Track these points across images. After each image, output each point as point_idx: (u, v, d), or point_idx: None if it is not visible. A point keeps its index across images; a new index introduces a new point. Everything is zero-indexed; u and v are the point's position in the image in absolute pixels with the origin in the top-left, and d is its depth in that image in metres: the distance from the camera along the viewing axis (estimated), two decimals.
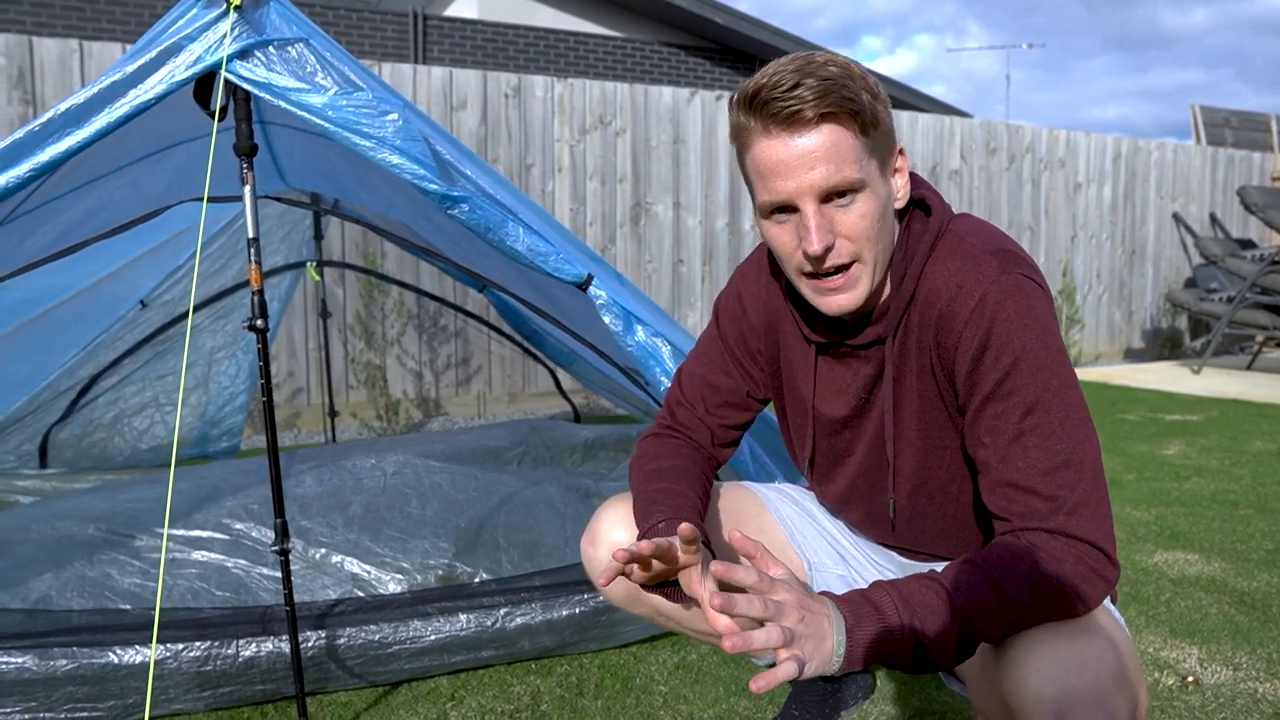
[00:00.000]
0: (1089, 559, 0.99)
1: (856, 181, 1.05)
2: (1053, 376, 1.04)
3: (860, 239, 1.07)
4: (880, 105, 1.07)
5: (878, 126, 1.07)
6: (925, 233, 1.13)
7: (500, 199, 1.88)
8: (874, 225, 1.07)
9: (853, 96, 1.03)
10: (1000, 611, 0.95)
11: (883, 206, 1.09)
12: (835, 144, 1.04)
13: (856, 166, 1.04)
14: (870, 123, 1.05)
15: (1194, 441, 4.25)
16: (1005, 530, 1.03)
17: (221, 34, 1.67)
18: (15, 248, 1.97)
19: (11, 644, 1.69)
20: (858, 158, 1.05)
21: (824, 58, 1.06)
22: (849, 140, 1.04)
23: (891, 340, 1.16)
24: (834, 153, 1.04)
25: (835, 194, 1.06)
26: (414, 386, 4.98)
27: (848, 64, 1.06)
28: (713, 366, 1.36)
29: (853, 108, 1.03)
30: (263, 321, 1.65)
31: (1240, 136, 9.80)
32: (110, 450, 3.35)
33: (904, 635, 0.92)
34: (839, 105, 1.03)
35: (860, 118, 1.04)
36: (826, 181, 1.04)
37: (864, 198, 1.06)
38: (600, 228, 5.40)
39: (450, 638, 1.87)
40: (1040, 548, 0.99)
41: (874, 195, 1.07)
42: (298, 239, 3.44)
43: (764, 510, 1.41)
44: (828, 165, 1.04)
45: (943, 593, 0.95)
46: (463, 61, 9.16)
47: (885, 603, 0.94)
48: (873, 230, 1.07)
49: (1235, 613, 2.25)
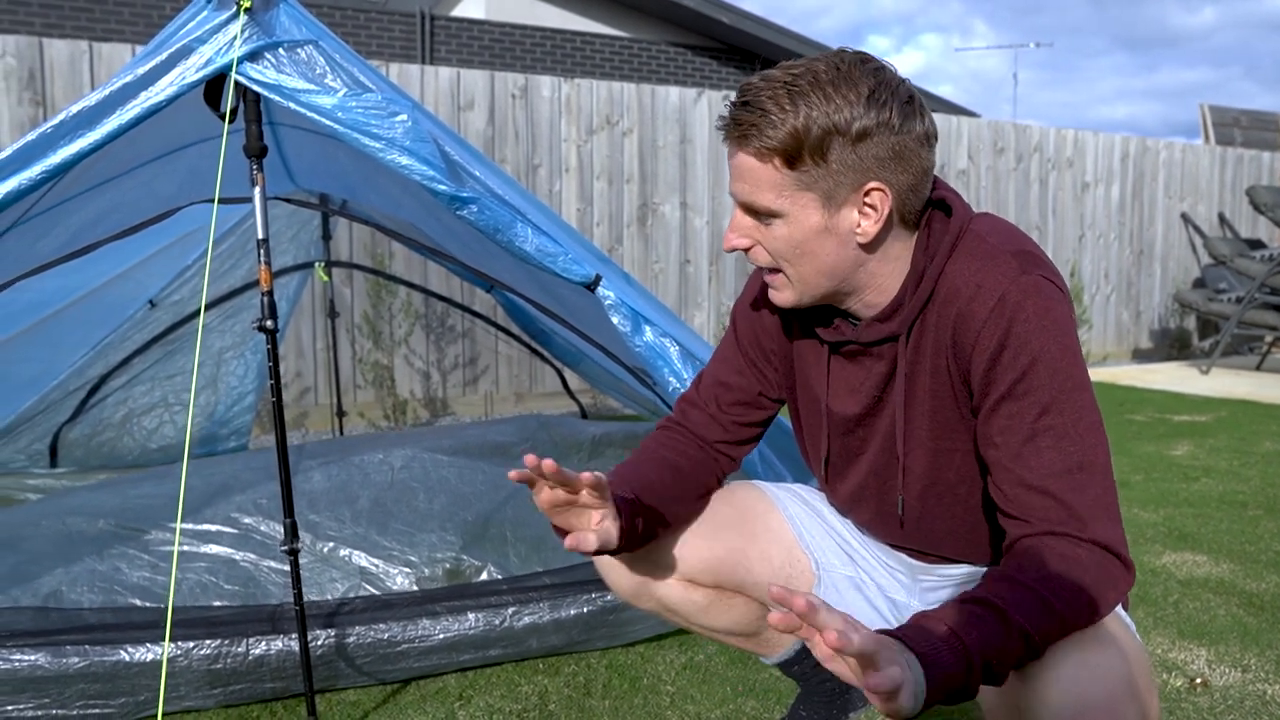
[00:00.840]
0: (1109, 565, 0.99)
1: (770, 209, 1.09)
2: (1068, 379, 1.04)
3: (777, 256, 1.12)
4: (841, 140, 1.04)
5: (820, 162, 1.05)
6: (946, 232, 1.13)
7: (509, 199, 1.89)
8: (789, 249, 1.10)
9: (771, 135, 1.04)
10: (1049, 628, 0.94)
11: (805, 236, 1.09)
12: (751, 170, 1.08)
13: (773, 195, 1.07)
14: (807, 157, 1.04)
15: (1202, 442, 4.23)
16: (1022, 532, 1.03)
17: (232, 36, 1.68)
18: (29, 249, 1.99)
19: (24, 641, 1.70)
20: (777, 187, 1.07)
21: (813, 78, 1.04)
22: (767, 171, 1.07)
23: (905, 338, 1.16)
24: (749, 177, 1.08)
25: (752, 211, 1.11)
26: (421, 386, 4.99)
27: (830, 92, 1.03)
28: (727, 366, 1.38)
29: (766, 145, 1.05)
30: (272, 322, 1.66)
31: (1249, 136, 9.76)
32: (120, 449, 3.37)
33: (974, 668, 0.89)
34: (754, 143, 1.06)
35: (785, 154, 1.05)
36: (740, 197, 1.10)
37: (781, 224, 1.09)
38: (607, 228, 5.40)
39: (459, 636, 1.88)
40: (1069, 556, 0.98)
41: (793, 224, 1.08)
42: (306, 239, 3.46)
43: (772, 508, 1.42)
44: (744, 184, 1.09)
45: (999, 615, 0.92)
46: (470, 62, 9.18)
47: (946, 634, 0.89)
48: (789, 253, 1.11)
49: (1244, 614, 2.25)
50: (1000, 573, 0.98)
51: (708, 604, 1.39)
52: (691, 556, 1.35)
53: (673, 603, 1.38)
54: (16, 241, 1.93)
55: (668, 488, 1.30)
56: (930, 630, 0.89)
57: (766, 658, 1.52)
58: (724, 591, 1.39)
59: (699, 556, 1.35)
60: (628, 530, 1.19)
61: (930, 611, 0.93)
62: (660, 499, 1.28)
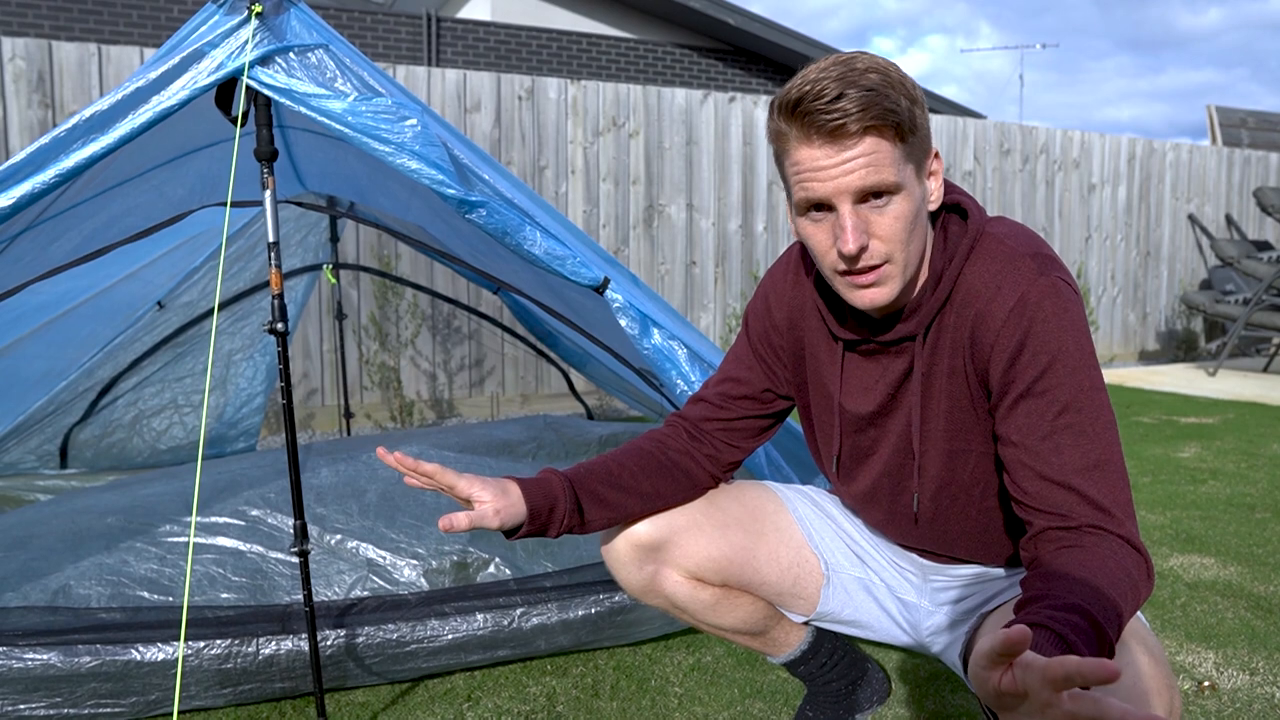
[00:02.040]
0: (1142, 563, 1.00)
1: (892, 184, 1.07)
2: (1086, 378, 1.06)
3: (893, 240, 1.09)
4: (918, 109, 1.09)
5: (915, 132, 1.08)
6: (964, 235, 1.15)
7: (517, 202, 1.90)
8: (907, 227, 1.09)
9: (894, 107, 1.05)
10: (1119, 633, 0.92)
11: (916, 209, 1.10)
12: (875, 152, 1.06)
13: (894, 170, 1.07)
14: (909, 129, 1.07)
15: (1209, 444, 4.23)
16: (1051, 524, 1.03)
17: (243, 40, 1.69)
18: (42, 252, 2.00)
19: (36, 640, 1.72)
20: (895, 163, 1.07)
21: (865, 64, 1.06)
22: (888, 148, 1.06)
23: (923, 338, 1.17)
24: (873, 159, 1.06)
25: (871, 195, 1.08)
26: (428, 388, 5.00)
27: (887, 69, 1.07)
28: (737, 363, 1.40)
29: (894, 119, 1.05)
30: (283, 325, 1.67)
31: (1257, 137, 9.73)
32: (129, 451, 3.39)
33: None
34: (881, 118, 1.05)
35: (900, 127, 1.06)
36: (863, 182, 1.06)
37: (899, 200, 1.08)
38: (613, 229, 5.41)
39: (467, 637, 1.89)
40: (1118, 556, 0.98)
41: (909, 198, 1.09)
42: (314, 242, 3.47)
43: (781, 508, 1.42)
44: (866, 169, 1.06)
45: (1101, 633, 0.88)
46: (476, 64, 9.19)
47: None
48: (905, 232, 1.10)
49: (1252, 617, 2.25)
50: (1074, 573, 0.94)
51: (715, 602, 1.40)
52: (699, 555, 1.36)
53: (680, 600, 1.39)
54: (30, 245, 1.95)
55: (629, 473, 1.33)
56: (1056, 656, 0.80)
57: (773, 657, 1.52)
58: (731, 590, 1.40)
59: (707, 555, 1.36)
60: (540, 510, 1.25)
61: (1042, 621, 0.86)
62: (614, 482, 1.31)
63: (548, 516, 1.26)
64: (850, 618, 1.42)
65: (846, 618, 1.42)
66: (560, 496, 1.27)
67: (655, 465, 1.35)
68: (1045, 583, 0.94)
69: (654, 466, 1.35)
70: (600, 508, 1.31)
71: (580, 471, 1.32)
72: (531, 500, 1.25)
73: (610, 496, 1.31)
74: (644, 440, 1.38)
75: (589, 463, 1.34)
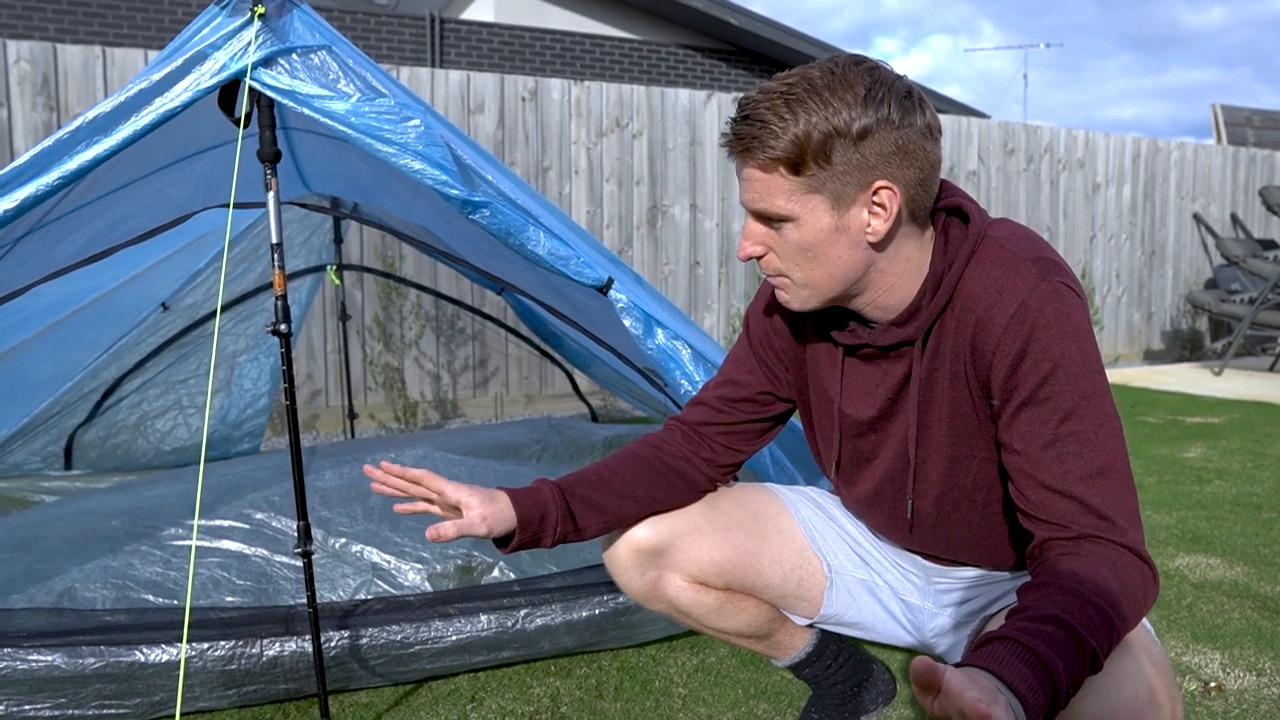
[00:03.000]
0: (1144, 571, 0.99)
1: (775, 214, 1.10)
2: (1089, 384, 1.05)
3: (787, 261, 1.13)
4: (843, 143, 1.04)
5: (824, 165, 1.05)
6: (964, 239, 1.13)
7: (521, 203, 1.90)
8: (800, 253, 1.11)
9: (775, 147, 1.05)
10: (1109, 644, 0.92)
11: (816, 239, 1.10)
12: (760, 179, 1.09)
13: (782, 200, 1.09)
14: (811, 161, 1.05)
15: (1215, 444, 4.21)
16: (1052, 535, 1.03)
17: (246, 42, 1.69)
18: (46, 254, 2.00)
19: (41, 642, 1.72)
20: (784, 193, 1.08)
21: (810, 84, 1.05)
22: (776, 179, 1.08)
23: (921, 343, 1.16)
24: (759, 186, 1.09)
25: (763, 218, 1.12)
26: (432, 388, 5.01)
27: (829, 96, 1.04)
28: (738, 366, 1.39)
29: (772, 156, 1.06)
30: (286, 326, 1.67)
31: (1262, 136, 9.70)
32: (134, 452, 3.39)
33: (1060, 702, 0.86)
34: (759, 155, 1.07)
35: (789, 162, 1.06)
36: (752, 205, 1.11)
37: (790, 228, 1.10)
38: (617, 230, 5.41)
39: (471, 638, 1.89)
40: (1115, 564, 0.97)
41: (803, 228, 1.09)
42: (318, 243, 3.47)
43: (784, 511, 1.42)
44: (753, 193, 1.10)
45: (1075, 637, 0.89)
46: (480, 65, 9.20)
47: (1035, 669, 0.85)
48: (800, 257, 1.12)
49: (1258, 617, 2.24)
50: (1059, 583, 0.94)
51: (719, 606, 1.39)
52: (702, 559, 1.36)
53: (684, 605, 1.39)
54: (34, 247, 1.95)
55: (623, 478, 1.33)
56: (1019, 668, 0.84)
57: (778, 660, 1.52)
58: (735, 594, 1.40)
59: (710, 559, 1.36)
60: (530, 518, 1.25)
61: (1010, 634, 0.87)
62: (607, 488, 1.31)
63: (539, 525, 1.26)
64: (854, 619, 1.42)
65: (850, 619, 1.42)
66: (550, 504, 1.27)
67: (650, 469, 1.34)
68: (1030, 593, 0.95)
69: (648, 470, 1.34)
70: (594, 513, 1.30)
71: (571, 479, 1.31)
72: (521, 508, 1.25)
73: (604, 501, 1.31)
74: (638, 445, 1.38)
75: (581, 470, 1.33)
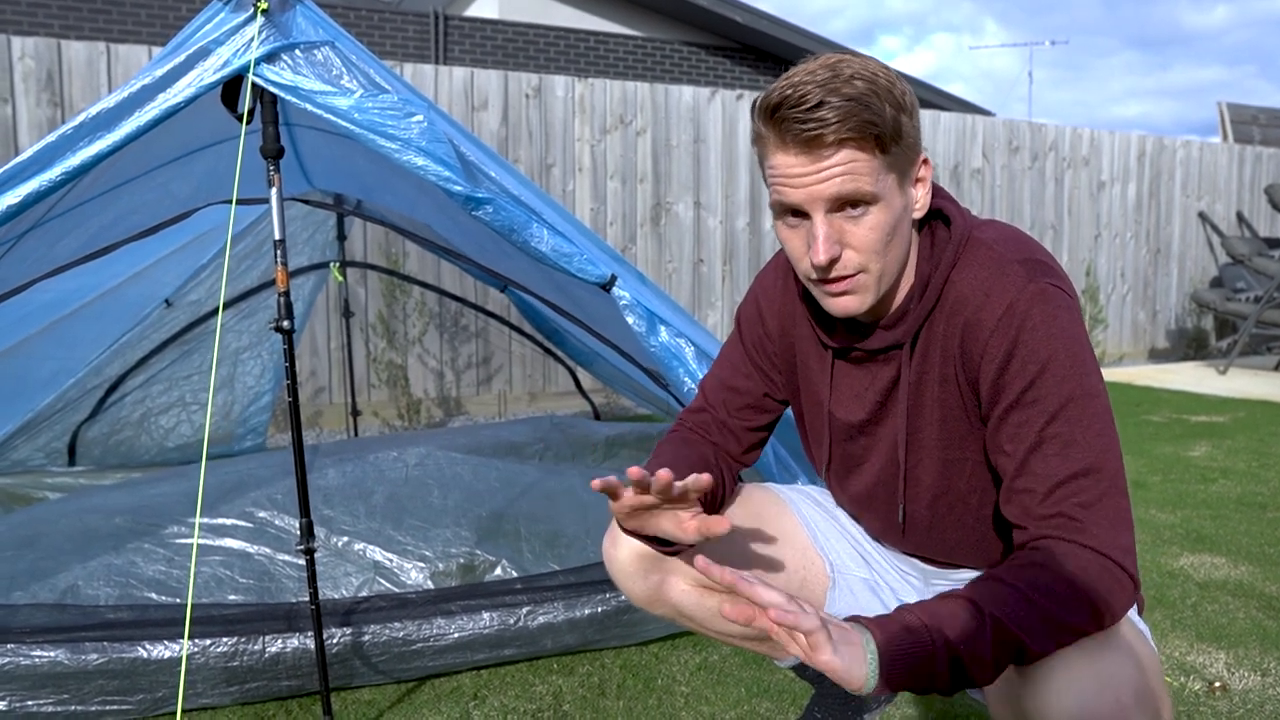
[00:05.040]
0: (1110, 570, 0.98)
1: (869, 195, 1.05)
2: (1077, 386, 1.03)
3: (867, 251, 1.08)
4: (905, 117, 1.06)
5: (899, 141, 1.05)
6: (949, 241, 1.13)
7: (524, 199, 1.89)
8: (883, 238, 1.07)
9: (874, 119, 1.02)
10: (1030, 620, 0.93)
11: (895, 219, 1.08)
12: (852, 162, 1.04)
13: (871, 181, 1.04)
14: (891, 139, 1.04)
15: (1220, 443, 4.20)
16: (1023, 539, 1.03)
17: (249, 38, 1.69)
18: (49, 250, 2.00)
19: (44, 638, 1.72)
20: (873, 173, 1.04)
21: (852, 69, 1.04)
22: (865, 159, 1.04)
23: (910, 346, 1.15)
24: (849, 170, 1.04)
25: (847, 204, 1.06)
26: (435, 386, 5.01)
27: (874, 75, 1.04)
28: (735, 371, 1.38)
29: (874, 131, 1.02)
30: (289, 323, 1.66)
31: (1268, 134, 9.67)
32: (137, 448, 3.40)
33: (936, 649, 0.90)
34: (858, 130, 1.02)
35: (881, 137, 1.03)
36: (838, 191, 1.04)
37: (876, 210, 1.06)
38: (621, 227, 5.41)
39: (474, 635, 1.89)
40: (1060, 555, 0.97)
41: (887, 208, 1.07)
42: (321, 240, 3.47)
43: (785, 511, 1.41)
44: (842, 179, 1.04)
45: (968, 604, 0.93)
46: (483, 62, 9.20)
47: (912, 620, 0.92)
48: (881, 243, 1.08)
49: (1263, 617, 2.23)
50: (987, 573, 0.98)
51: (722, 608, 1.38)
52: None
53: (688, 608, 1.38)
54: (37, 243, 1.95)
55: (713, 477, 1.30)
56: (899, 619, 0.92)
57: (781, 661, 1.51)
58: (738, 596, 1.39)
59: (712, 560, 1.35)
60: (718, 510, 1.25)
61: (909, 605, 0.95)
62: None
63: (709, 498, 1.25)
64: None
65: None
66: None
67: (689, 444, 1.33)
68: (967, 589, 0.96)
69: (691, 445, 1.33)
70: None
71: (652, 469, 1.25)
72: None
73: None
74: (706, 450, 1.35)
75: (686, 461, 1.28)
